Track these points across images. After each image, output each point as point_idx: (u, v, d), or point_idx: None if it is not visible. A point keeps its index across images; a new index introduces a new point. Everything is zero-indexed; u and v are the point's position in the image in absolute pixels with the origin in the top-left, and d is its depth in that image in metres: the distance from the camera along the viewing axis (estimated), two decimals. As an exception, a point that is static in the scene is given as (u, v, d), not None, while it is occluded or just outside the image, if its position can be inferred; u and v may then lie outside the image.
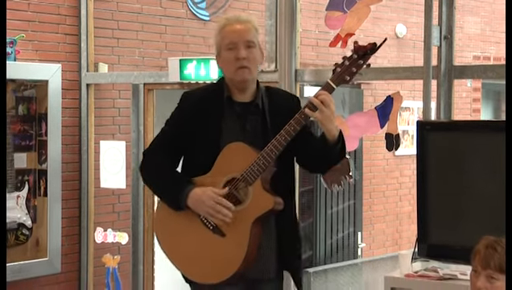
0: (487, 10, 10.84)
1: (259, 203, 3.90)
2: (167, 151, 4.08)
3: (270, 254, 4.04)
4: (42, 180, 6.79)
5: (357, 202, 10.18)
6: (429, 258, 4.83)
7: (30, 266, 6.69)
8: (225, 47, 3.96)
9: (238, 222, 3.89)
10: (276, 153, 3.81)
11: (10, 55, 6.41)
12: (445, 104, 5.36)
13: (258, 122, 4.01)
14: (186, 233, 4.01)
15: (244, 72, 3.93)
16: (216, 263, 3.95)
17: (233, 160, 3.90)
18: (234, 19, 4.06)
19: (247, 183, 3.87)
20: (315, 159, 4.05)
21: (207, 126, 3.98)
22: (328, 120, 3.79)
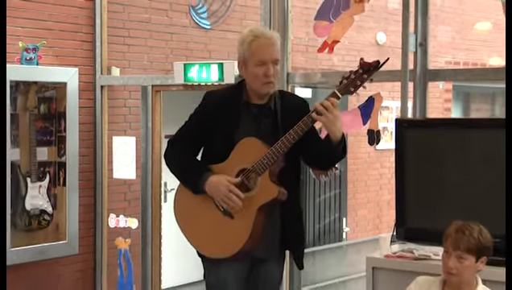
0: (457, 20, 10.85)
1: (265, 192, 3.97)
2: (189, 142, 4.18)
3: (274, 237, 4.12)
4: (61, 171, 6.78)
5: (342, 191, 10.23)
6: (406, 240, 4.81)
7: (51, 248, 6.69)
8: (255, 63, 4.00)
9: (246, 207, 3.98)
10: (284, 150, 3.89)
11: (33, 60, 6.41)
12: (420, 103, 5.35)
13: (270, 123, 4.09)
14: (200, 213, 4.10)
15: (269, 86, 4.02)
16: (225, 241, 4.05)
17: (247, 153, 3.98)
18: (260, 33, 4.09)
19: (257, 174, 3.96)
20: (319, 157, 4.13)
21: (226, 125, 4.06)
22: (331, 124, 3.86)
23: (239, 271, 4.11)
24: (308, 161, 4.26)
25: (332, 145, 3.93)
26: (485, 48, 11.12)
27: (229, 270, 4.08)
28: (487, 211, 4.31)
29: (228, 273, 4.09)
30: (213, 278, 4.15)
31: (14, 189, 6.44)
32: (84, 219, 7.05)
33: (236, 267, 4.09)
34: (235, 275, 4.10)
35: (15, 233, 6.46)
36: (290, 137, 3.88)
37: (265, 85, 4.02)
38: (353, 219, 10.32)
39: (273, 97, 4.13)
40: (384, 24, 9.06)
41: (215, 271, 4.13)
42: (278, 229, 4.13)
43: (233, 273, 4.10)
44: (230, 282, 4.10)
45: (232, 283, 4.11)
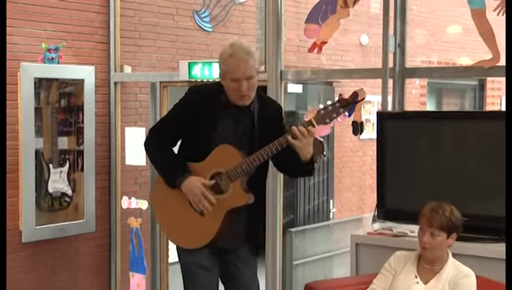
0: (431, 24, 10.83)
1: (236, 198, 3.93)
2: (168, 134, 4.11)
3: (240, 232, 4.06)
4: (79, 158, 6.78)
5: (330, 176, 10.17)
6: (386, 220, 4.86)
7: (70, 226, 6.72)
8: (230, 79, 3.90)
9: (216, 208, 3.93)
10: (258, 163, 3.85)
11: (54, 60, 6.41)
12: (399, 98, 5.36)
13: (248, 125, 4.02)
14: (174, 205, 4.04)
15: (245, 99, 3.94)
16: (193, 235, 4.00)
17: (223, 159, 3.92)
18: (237, 49, 3.93)
19: (230, 180, 3.90)
20: (288, 170, 4.15)
21: (205, 122, 3.99)
22: (303, 148, 3.80)
23: (209, 256, 4.07)
24: (278, 167, 4.21)
25: (302, 164, 3.88)
26: (456, 49, 11.12)
27: (199, 255, 4.03)
28: (457, 193, 4.36)
29: (199, 256, 4.04)
30: (185, 259, 4.10)
31: (39, 174, 6.45)
32: (100, 201, 7.06)
33: (205, 253, 4.04)
34: (205, 258, 4.06)
35: (40, 213, 6.47)
36: (264, 153, 3.82)
37: (240, 98, 3.93)
38: (339, 201, 10.31)
39: (252, 101, 4.05)
40: (367, 27, 9.06)
41: (186, 254, 4.08)
42: (243, 225, 4.07)
43: (203, 256, 4.05)
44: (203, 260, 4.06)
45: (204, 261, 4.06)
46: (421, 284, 3.86)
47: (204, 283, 4.08)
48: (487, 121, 4.90)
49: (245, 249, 4.15)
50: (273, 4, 5.85)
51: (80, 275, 7.04)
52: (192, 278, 4.08)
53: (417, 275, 3.90)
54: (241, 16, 7.87)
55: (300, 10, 7.37)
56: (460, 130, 4.69)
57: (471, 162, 4.58)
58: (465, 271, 3.83)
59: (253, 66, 3.94)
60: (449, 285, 3.79)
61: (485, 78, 12.26)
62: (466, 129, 4.68)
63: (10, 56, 6.22)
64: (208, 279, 4.07)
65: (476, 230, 4.29)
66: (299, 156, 3.84)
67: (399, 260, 4.02)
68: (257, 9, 7.07)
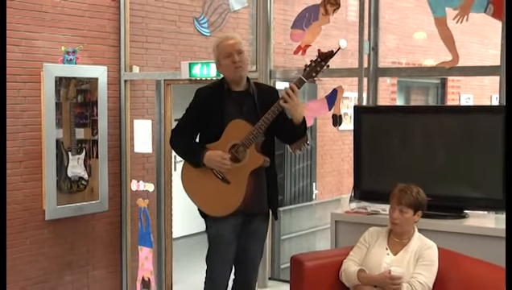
0: (400, 30, 10.80)
1: (254, 161, 3.99)
2: (187, 130, 4.18)
3: (262, 195, 4.13)
4: (94, 146, 6.79)
5: (313, 162, 10.16)
6: (361, 200, 4.88)
7: (87, 206, 6.74)
8: (223, 56, 4.03)
9: (239, 174, 3.99)
10: (265, 126, 3.91)
11: (72, 61, 6.40)
12: (373, 94, 5.39)
13: (251, 105, 4.08)
14: (202, 182, 4.09)
15: (239, 70, 4.02)
16: (224, 202, 4.05)
17: (235, 132, 3.99)
18: (225, 37, 4.15)
19: (245, 147, 3.96)
20: (287, 134, 4.15)
21: (215, 111, 4.04)
22: (293, 109, 3.91)
23: (234, 225, 4.09)
24: (280, 137, 4.24)
25: (295, 126, 3.97)
26: (421, 52, 11.10)
27: (226, 224, 4.06)
28: (423, 176, 4.36)
29: (225, 227, 4.06)
30: (213, 231, 4.13)
31: (59, 161, 6.45)
32: (112, 184, 7.07)
33: (231, 222, 4.07)
34: (231, 228, 4.08)
35: (60, 194, 6.48)
36: (267, 117, 3.89)
37: (236, 70, 4.02)
38: (321, 184, 10.29)
39: (250, 85, 4.13)
40: (345, 33, 9.04)
41: (215, 225, 4.11)
42: (264, 188, 4.13)
43: (230, 227, 4.07)
44: (227, 233, 4.08)
45: (228, 234, 4.08)
46: (391, 255, 3.87)
47: (224, 255, 4.11)
48: (448, 114, 4.93)
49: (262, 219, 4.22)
50: (263, 12, 5.88)
51: (96, 248, 7.06)
52: (215, 249, 4.12)
53: (388, 248, 3.91)
54: (236, 22, 7.87)
55: (287, 17, 7.40)
56: (425, 122, 4.71)
57: (434, 149, 4.60)
58: (429, 244, 3.86)
59: (239, 43, 4.09)
60: (415, 256, 3.81)
61: (446, 77, 12.27)
62: (430, 121, 4.70)
63: (34, 58, 6.29)
64: (227, 251, 4.11)
65: (439, 208, 4.32)
66: (293, 121, 3.94)
67: (372, 235, 4.04)
68: (249, 16, 7.05)
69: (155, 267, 7.09)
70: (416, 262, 3.80)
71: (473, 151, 4.43)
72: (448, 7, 4.91)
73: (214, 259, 4.15)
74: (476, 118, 4.54)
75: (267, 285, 5.95)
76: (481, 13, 4.79)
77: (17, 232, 6.26)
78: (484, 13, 4.78)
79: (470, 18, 4.82)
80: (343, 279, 3.93)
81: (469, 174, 4.45)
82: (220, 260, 4.13)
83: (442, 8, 4.94)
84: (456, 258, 3.86)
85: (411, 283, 3.68)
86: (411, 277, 3.72)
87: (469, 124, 4.51)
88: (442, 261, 3.80)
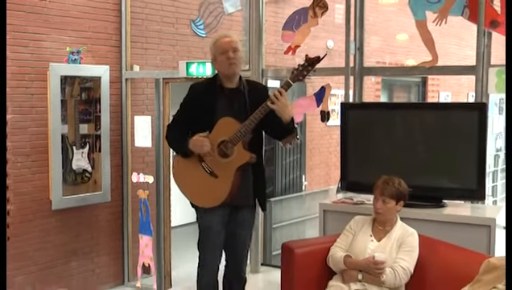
0: (384, 32, 10.77)
1: (240, 157, 3.95)
2: (181, 126, 4.12)
3: (248, 189, 4.09)
4: (97, 141, 6.79)
5: (302, 155, 10.18)
6: (347, 190, 4.89)
7: (90, 196, 6.76)
8: (220, 52, 3.99)
9: (226, 169, 3.96)
10: (252, 125, 3.87)
11: (76, 60, 6.40)
12: (358, 92, 5.43)
13: (241, 102, 4.03)
14: (192, 175, 4.05)
15: (233, 66, 3.98)
16: (211, 195, 4.01)
17: (224, 129, 3.94)
18: (222, 35, 4.11)
19: (233, 144, 3.92)
20: (275, 132, 4.13)
21: (206, 106, 4.00)
22: (281, 110, 3.86)
23: (222, 215, 4.07)
24: (269, 134, 4.22)
25: (283, 125, 3.93)
26: (403, 53, 11.12)
27: (214, 215, 4.03)
28: (405, 169, 4.38)
29: (213, 217, 4.04)
30: (203, 221, 4.11)
31: (64, 154, 6.45)
32: (114, 176, 7.07)
33: (219, 213, 4.05)
34: (219, 219, 4.07)
35: (66, 186, 6.49)
36: (254, 117, 3.86)
37: (230, 66, 3.98)
38: (310, 176, 10.30)
39: (241, 83, 4.08)
40: (332, 34, 9.06)
41: (204, 215, 4.09)
42: (250, 183, 4.09)
43: (218, 217, 4.05)
44: (215, 223, 4.06)
45: (216, 224, 4.07)
46: (375, 242, 3.88)
47: (214, 242, 4.10)
48: (428, 110, 5.01)
49: (248, 209, 4.18)
50: (256, 14, 5.90)
51: (99, 236, 7.07)
52: (206, 237, 4.11)
53: (372, 235, 3.92)
54: (230, 24, 7.89)
55: (278, 19, 7.43)
56: (407, 118, 4.73)
57: (415, 143, 4.61)
58: (410, 231, 3.88)
59: (235, 42, 4.05)
60: (397, 242, 3.82)
61: (426, 76, 12.29)
62: (412, 117, 4.73)
63: (41, 58, 6.29)
64: (217, 239, 4.09)
65: (419, 198, 4.33)
66: (281, 120, 3.90)
67: (358, 223, 4.05)
68: (242, 18, 7.08)
69: (155, 254, 7.09)
70: (398, 248, 3.81)
71: (451, 144, 4.44)
72: (428, 11, 4.96)
73: (205, 246, 4.13)
74: (453, 114, 4.57)
75: (259, 270, 5.99)
76: (459, 16, 4.85)
77: (27, 221, 6.28)
78: (461, 16, 4.84)
79: (448, 21, 4.88)
80: (330, 264, 3.93)
81: (447, 166, 4.48)
82: (210, 247, 4.12)
83: (422, 11, 4.99)
84: (435, 245, 3.88)
85: (394, 267, 3.70)
86: (394, 262, 3.73)
87: (447, 120, 4.53)
88: (422, 247, 3.82)
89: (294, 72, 3.94)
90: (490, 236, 4.08)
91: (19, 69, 6.12)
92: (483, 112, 4.34)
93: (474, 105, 4.65)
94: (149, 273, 7.15)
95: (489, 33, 4.76)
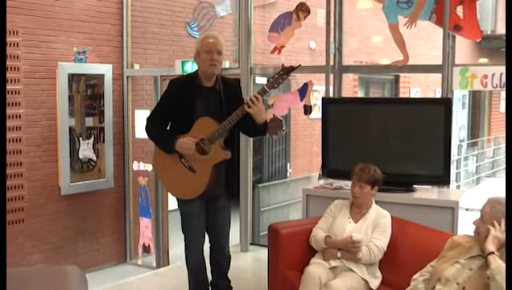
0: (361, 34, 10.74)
1: (217, 154, 3.92)
2: (160, 119, 4.03)
3: (221, 181, 4.05)
4: (101, 133, 6.82)
5: (287, 146, 10.17)
6: (328, 177, 4.87)
7: (95, 183, 6.80)
8: (204, 51, 3.91)
9: (204, 165, 3.92)
10: (229, 126, 3.85)
11: (82, 60, 6.45)
12: (338, 88, 5.43)
13: (217, 102, 3.98)
14: (172, 169, 3.99)
15: (213, 67, 3.91)
16: (190, 188, 3.98)
17: (203, 127, 3.89)
18: (211, 35, 4.02)
19: (211, 142, 3.89)
20: (250, 132, 4.15)
21: (185, 104, 3.94)
22: (257, 114, 3.84)
23: (200, 204, 4.04)
24: (244, 132, 4.21)
25: (258, 126, 3.91)
26: (378, 53, 11.11)
27: (193, 204, 4.02)
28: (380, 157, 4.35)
29: (193, 205, 4.02)
30: (184, 208, 4.08)
31: (72, 145, 6.48)
32: (117, 164, 7.10)
33: (198, 202, 4.02)
34: (198, 206, 4.04)
35: (73, 173, 6.53)
36: (231, 119, 3.83)
37: (210, 67, 3.89)
38: (294, 164, 10.33)
39: (218, 82, 4.00)
40: (314, 35, 9.03)
41: (185, 205, 4.07)
42: (223, 176, 4.05)
43: (197, 205, 4.03)
44: (195, 209, 4.04)
45: (196, 210, 4.04)
46: (352, 223, 3.88)
47: (196, 226, 4.09)
48: (400, 105, 4.98)
49: (224, 197, 4.15)
50: (245, 18, 5.87)
51: (104, 219, 7.10)
52: (188, 222, 4.10)
53: (350, 217, 3.91)
54: (221, 26, 7.88)
55: (265, 22, 7.41)
56: (382, 112, 4.72)
57: (389, 134, 4.61)
58: (384, 213, 3.89)
59: (220, 44, 3.98)
60: (372, 223, 3.83)
61: (398, 74, 12.31)
62: (386, 110, 4.71)
63: (50, 58, 6.31)
64: (198, 222, 4.09)
65: (392, 184, 4.32)
66: (256, 121, 3.89)
67: (337, 206, 4.04)
68: (233, 21, 7.08)
69: (154, 235, 7.13)
70: (373, 228, 3.82)
71: (420, 135, 4.45)
72: (400, 15, 4.96)
73: (188, 230, 4.12)
74: (422, 108, 4.58)
75: (249, 249, 5.97)
76: (427, 20, 4.87)
77: (39, 205, 6.32)
78: (429, 20, 4.86)
79: (418, 24, 4.89)
80: (312, 243, 3.93)
81: (417, 155, 4.48)
82: (192, 230, 4.10)
83: (395, 16, 4.99)
84: (405, 225, 3.90)
85: (369, 246, 3.72)
86: (369, 241, 3.74)
87: (417, 113, 4.53)
88: (394, 227, 3.83)
89: (270, 80, 3.91)
90: (454, 217, 4.12)
91: (31, 68, 6.14)
92: (448, 106, 4.36)
93: (440, 100, 4.66)
94: (149, 252, 7.19)
95: (453, 36, 4.78)
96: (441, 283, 2.98)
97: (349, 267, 3.70)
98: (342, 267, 3.72)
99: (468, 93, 16.74)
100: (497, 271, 2.73)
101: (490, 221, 2.91)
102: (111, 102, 6.89)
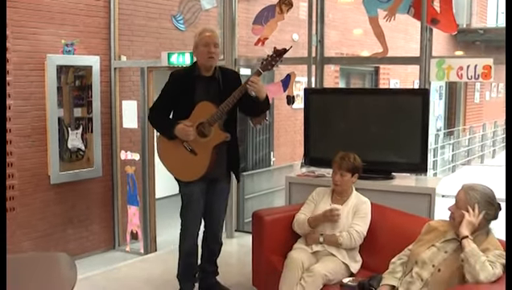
0: (342, 27, 10.80)
1: (217, 136, 3.97)
2: (162, 108, 4.10)
3: (223, 163, 4.11)
4: (90, 123, 6.79)
5: (271, 135, 10.20)
6: (310, 165, 4.87)
7: (84, 172, 6.79)
8: (202, 44, 3.97)
9: (205, 147, 3.97)
10: (227, 108, 3.90)
11: (71, 52, 6.42)
12: (319, 79, 5.45)
13: (216, 88, 4.03)
14: (175, 153, 4.04)
15: (211, 60, 3.98)
16: (192, 170, 4.03)
17: (202, 112, 3.94)
18: (208, 29, 4.08)
19: (210, 124, 3.93)
20: (252, 109, 4.16)
21: (185, 92, 3.99)
22: (258, 90, 3.91)
23: (201, 186, 4.07)
24: (245, 111, 4.23)
25: (260, 101, 3.97)
26: (359, 45, 11.13)
27: (195, 186, 4.04)
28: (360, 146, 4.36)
29: (194, 188, 4.05)
30: (185, 191, 4.11)
31: (61, 135, 6.46)
32: (105, 154, 7.08)
33: (199, 184, 4.05)
34: (199, 189, 4.07)
35: (62, 163, 6.51)
36: (230, 100, 3.89)
37: (209, 59, 3.97)
38: (278, 152, 10.37)
39: (216, 71, 4.05)
40: (297, 28, 9.02)
41: (186, 187, 4.10)
42: (225, 158, 4.11)
43: (198, 188, 4.05)
44: (196, 193, 4.06)
45: (197, 194, 4.07)
46: None
47: (195, 211, 4.12)
48: (380, 95, 5.03)
49: (225, 181, 4.20)
50: (229, 10, 5.89)
51: (92, 207, 7.09)
52: (187, 206, 4.12)
53: (331, 204, 3.91)
54: (207, 19, 7.89)
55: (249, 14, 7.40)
56: (362, 102, 4.73)
57: (369, 124, 4.62)
58: (364, 200, 3.91)
59: (217, 37, 4.05)
60: (353, 210, 3.85)
61: (378, 65, 12.39)
62: (366, 101, 4.73)
63: (39, 50, 6.27)
64: (197, 207, 4.11)
65: (372, 172, 4.36)
66: (258, 98, 3.96)
67: (319, 193, 4.06)
68: (218, 14, 7.07)
69: (141, 222, 7.13)
70: (354, 214, 3.84)
71: (399, 125, 4.48)
72: (379, 8, 4.99)
73: (187, 214, 4.15)
74: (401, 99, 4.61)
75: (234, 236, 6.01)
76: (405, 14, 4.90)
77: (29, 194, 6.29)
78: (407, 14, 4.89)
79: (397, 18, 4.93)
80: (295, 227, 3.95)
81: (395, 144, 4.51)
82: (191, 214, 4.13)
83: (374, 9, 5.02)
84: (385, 211, 3.93)
85: (350, 231, 3.74)
86: (350, 227, 3.77)
87: (396, 103, 4.56)
88: (374, 213, 3.86)
89: (263, 63, 3.96)
90: (431, 203, 4.16)
91: (20, 60, 6.10)
92: (426, 97, 4.39)
93: (418, 90, 4.69)
94: (136, 239, 7.19)
95: (430, 29, 4.82)
96: (418, 265, 3.03)
97: (331, 252, 3.72)
98: (324, 252, 3.75)
99: (445, 84, 16.86)
100: (470, 254, 2.78)
101: (464, 206, 2.95)
102: (99, 93, 6.86)
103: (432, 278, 2.95)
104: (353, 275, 3.69)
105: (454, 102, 18.28)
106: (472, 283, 2.75)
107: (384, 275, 3.23)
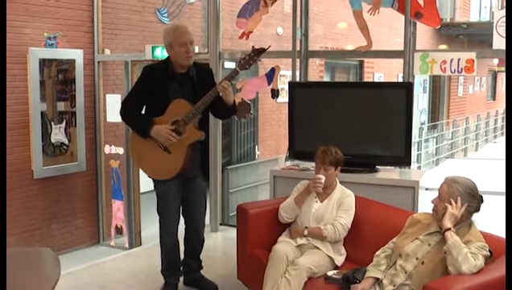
0: (327, 20, 10.87)
1: (192, 135, 3.93)
2: (135, 103, 3.99)
3: (196, 163, 4.07)
4: (73, 117, 6.78)
5: (255, 128, 10.23)
6: (294, 159, 4.86)
7: (68, 166, 6.79)
8: (179, 44, 3.87)
9: (179, 146, 3.91)
10: (203, 107, 3.86)
11: (53, 45, 6.41)
12: (304, 72, 5.43)
13: (190, 87, 3.98)
14: (148, 151, 3.97)
15: (190, 59, 3.92)
16: (166, 168, 3.97)
17: (177, 109, 3.89)
18: (182, 26, 4.01)
19: (185, 123, 3.88)
20: (220, 113, 4.17)
21: (159, 89, 3.92)
22: (226, 96, 3.89)
23: (177, 183, 4.04)
24: (214, 114, 4.21)
25: (227, 107, 3.95)
26: (343, 39, 11.20)
27: (170, 184, 4.00)
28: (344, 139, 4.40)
29: (170, 185, 4.01)
30: (160, 188, 4.06)
31: (44, 129, 6.45)
32: (89, 148, 7.08)
33: (175, 181, 4.01)
34: (174, 186, 4.03)
35: (46, 157, 6.50)
36: (205, 100, 3.85)
37: (187, 59, 3.89)
38: (262, 146, 10.40)
39: (190, 68, 3.98)
40: (281, 22, 9.07)
41: (161, 185, 4.05)
42: (199, 157, 4.07)
43: (173, 185, 4.02)
44: (171, 189, 4.03)
45: (172, 190, 4.04)
46: (319, 203, 3.88)
47: (171, 207, 4.08)
48: (364, 89, 5.04)
49: (201, 179, 4.16)
50: (213, 4, 5.84)
51: (77, 201, 7.08)
52: (163, 202, 4.09)
53: (316, 197, 3.89)
54: (191, 13, 7.88)
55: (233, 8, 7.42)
56: (346, 95, 4.73)
57: (353, 117, 4.62)
58: (348, 193, 3.90)
59: (191, 34, 3.99)
60: (337, 202, 3.84)
61: (362, 59, 12.43)
62: (350, 94, 4.73)
63: (21, 43, 6.23)
64: (173, 203, 4.08)
65: (356, 165, 4.38)
66: (226, 103, 3.93)
67: (304, 186, 3.97)
68: (202, 7, 7.09)
69: (126, 217, 7.14)
70: (338, 207, 3.84)
71: (383, 118, 4.49)
72: (364, 2, 4.99)
73: (163, 210, 4.11)
74: (385, 92, 4.61)
75: (218, 229, 5.99)
76: (389, 8, 4.90)
77: (12, 189, 6.25)
78: (391, 8, 4.89)
79: (381, 11, 4.93)
80: (281, 214, 3.91)
81: (379, 137, 4.52)
82: (168, 211, 4.09)
83: (359, 3, 5.01)
84: (369, 204, 3.94)
85: (334, 224, 3.74)
86: (334, 220, 3.77)
87: (380, 97, 4.56)
88: (358, 206, 3.86)
89: (241, 62, 3.94)
90: (414, 196, 4.18)
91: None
92: (410, 90, 4.40)
93: (402, 84, 4.69)
94: (121, 233, 7.20)
95: (414, 23, 4.82)
96: (402, 258, 3.05)
97: (315, 245, 3.73)
98: (308, 245, 3.75)
99: (429, 77, 16.97)
100: (452, 246, 2.81)
101: (447, 199, 2.97)
102: (82, 87, 6.84)
103: (416, 270, 2.97)
104: (337, 267, 3.70)
105: (438, 96, 18.41)
106: (454, 274, 2.77)
107: (368, 268, 3.24)
